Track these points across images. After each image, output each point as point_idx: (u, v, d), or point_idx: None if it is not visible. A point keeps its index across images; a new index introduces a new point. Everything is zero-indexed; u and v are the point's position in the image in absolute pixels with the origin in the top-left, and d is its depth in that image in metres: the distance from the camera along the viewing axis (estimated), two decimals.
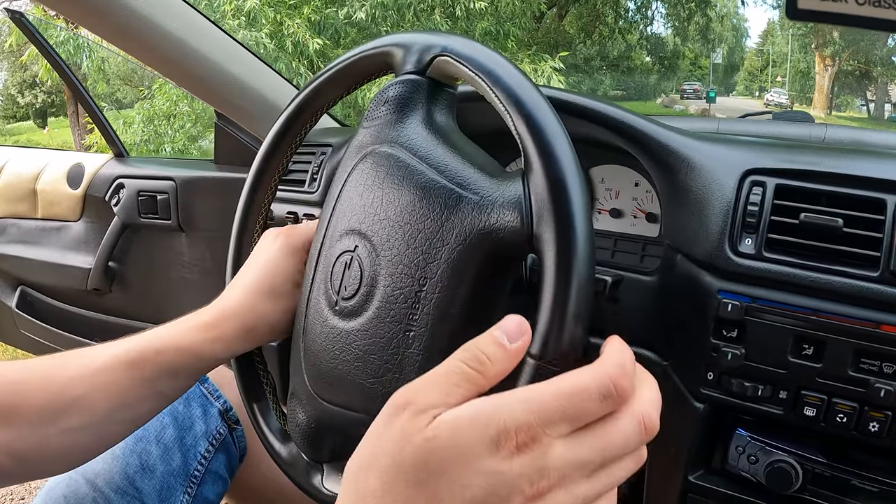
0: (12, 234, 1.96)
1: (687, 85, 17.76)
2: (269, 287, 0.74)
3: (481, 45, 0.61)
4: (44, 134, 21.30)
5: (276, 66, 1.37)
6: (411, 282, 0.58)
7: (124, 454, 0.86)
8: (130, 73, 11.49)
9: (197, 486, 0.90)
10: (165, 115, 8.12)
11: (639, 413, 0.43)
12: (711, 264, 0.76)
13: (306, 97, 0.76)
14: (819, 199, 0.73)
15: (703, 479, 0.84)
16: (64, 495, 0.82)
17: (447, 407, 0.41)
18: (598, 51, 11.74)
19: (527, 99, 0.54)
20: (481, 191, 0.57)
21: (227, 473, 0.96)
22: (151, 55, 1.22)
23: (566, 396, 0.41)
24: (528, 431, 0.39)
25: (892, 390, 0.68)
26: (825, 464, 0.75)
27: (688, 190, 0.79)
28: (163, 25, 1.15)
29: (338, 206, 0.68)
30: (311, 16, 7.13)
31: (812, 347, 0.71)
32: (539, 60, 7.25)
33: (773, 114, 1.33)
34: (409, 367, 0.58)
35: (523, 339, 0.46)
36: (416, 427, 0.40)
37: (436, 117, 0.65)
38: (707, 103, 15.97)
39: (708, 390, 0.78)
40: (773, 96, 17.50)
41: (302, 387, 0.69)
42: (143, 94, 9.56)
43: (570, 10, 11.77)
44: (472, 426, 0.39)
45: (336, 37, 7.46)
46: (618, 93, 12.59)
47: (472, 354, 0.44)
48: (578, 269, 0.49)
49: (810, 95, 15.61)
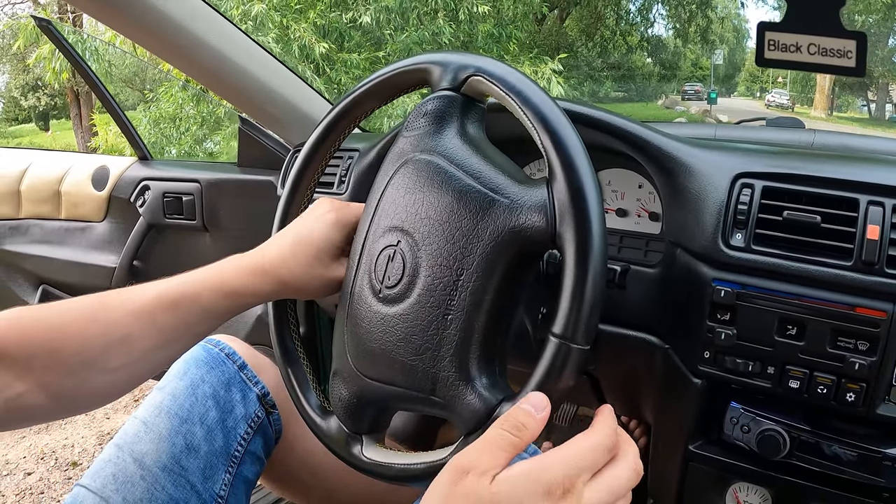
0: (35, 235, 2.02)
1: (688, 86, 17.67)
2: (313, 252, 0.81)
3: (510, 67, 0.70)
4: (46, 136, 21.20)
5: None
6: (450, 272, 0.68)
7: (170, 435, 0.90)
8: (132, 75, 11.52)
9: (237, 466, 0.95)
10: (171, 117, 8.17)
11: (632, 462, 0.56)
12: (707, 256, 0.86)
13: (346, 106, 0.85)
14: (801, 199, 0.82)
15: (702, 448, 0.93)
16: (113, 474, 0.86)
17: (501, 468, 0.52)
18: (599, 53, 11.77)
19: (552, 118, 0.64)
20: (511, 195, 0.66)
21: (263, 454, 1.00)
22: (192, 65, 1.31)
23: (589, 451, 0.54)
24: (567, 482, 0.51)
25: (866, 364, 0.77)
26: (810, 431, 0.84)
27: (686, 191, 0.89)
28: (205, 39, 1.24)
29: (380, 206, 0.77)
30: (316, 20, 7.17)
31: (795, 328, 0.81)
32: (539, 63, 7.29)
33: (767, 120, 1.42)
34: (447, 346, 0.67)
35: (546, 410, 0.58)
36: (482, 485, 0.51)
37: (469, 129, 0.74)
38: (708, 104, 15.87)
39: (705, 367, 0.87)
40: (775, 97, 17.39)
41: (345, 366, 0.77)
42: (147, 97, 9.60)
43: (571, 12, 11.81)
44: (527, 482, 0.51)
45: (340, 40, 7.50)
46: (619, 94, 12.61)
47: (512, 423, 0.56)
48: (594, 263, 0.60)
49: (811, 96, 15.52)
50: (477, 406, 0.65)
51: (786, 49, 0.48)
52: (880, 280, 0.77)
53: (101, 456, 0.89)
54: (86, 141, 12.72)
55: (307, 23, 7.05)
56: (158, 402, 0.92)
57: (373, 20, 7.21)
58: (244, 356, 1.00)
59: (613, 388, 1.12)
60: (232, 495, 0.93)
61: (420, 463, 0.69)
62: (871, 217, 0.78)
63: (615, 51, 11.96)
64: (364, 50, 7.50)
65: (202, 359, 0.97)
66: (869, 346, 0.78)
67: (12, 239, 2.03)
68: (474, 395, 0.66)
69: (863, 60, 0.50)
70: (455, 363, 0.67)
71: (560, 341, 0.60)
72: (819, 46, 0.48)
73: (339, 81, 7.06)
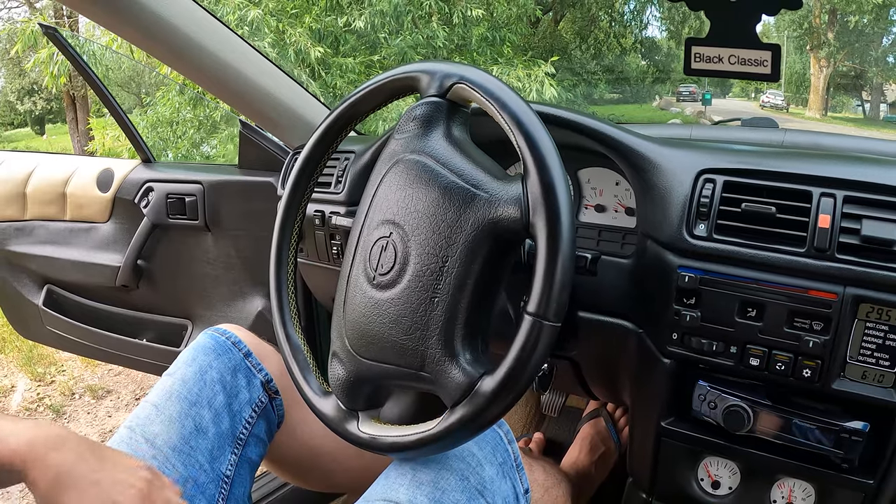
0: (40, 236, 2.05)
1: (683, 87, 17.61)
2: None
3: (491, 76, 0.78)
4: (42, 141, 21.11)
5: None
6: (436, 260, 0.75)
7: (180, 417, 0.94)
8: (129, 79, 11.56)
9: (242, 448, 1.00)
10: (168, 121, 8.20)
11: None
12: (673, 245, 0.93)
13: (343, 111, 0.92)
14: (760, 192, 0.90)
15: (673, 425, 1.01)
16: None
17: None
18: (593, 55, 11.82)
19: (526, 120, 0.72)
20: (491, 190, 0.74)
21: (266, 437, 1.05)
22: (192, 69, 1.36)
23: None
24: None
25: (820, 343, 0.85)
26: (771, 406, 0.91)
27: (655, 187, 0.96)
28: (205, 43, 1.29)
29: (374, 202, 0.84)
30: (312, 24, 7.20)
31: (754, 310, 0.88)
32: (533, 66, 7.31)
33: (742, 120, 1.49)
34: (434, 325, 0.75)
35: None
36: None
37: (454, 132, 0.82)
38: (703, 105, 15.83)
39: (673, 348, 0.95)
40: (769, 98, 17.33)
41: (342, 348, 0.85)
42: (144, 101, 9.62)
43: (565, 14, 11.85)
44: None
45: (336, 44, 7.51)
46: (614, 96, 12.65)
47: None
48: (563, 249, 0.68)
49: (806, 96, 15.49)
50: (461, 380, 0.72)
51: (709, 60, 0.56)
52: (831, 265, 0.84)
53: (114, 438, 0.94)
54: (82, 145, 12.70)
55: (303, 27, 7.07)
56: (169, 387, 0.98)
57: (367, 24, 7.23)
58: (249, 344, 1.05)
59: (594, 372, 1.19)
60: (237, 475, 0.98)
61: (410, 434, 0.76)
62: (823, 207, 0.85)
63: (609, 53, 11.99)
64: (359, 54, 7.52)
65: (210, 346, 1.02)
66: (823, 326, 0.85)
67: (18, 240, 2.06)
68: (458, 370, 0.73)
69: (777, 68, 0.58)
70: (441, 341, 0.74)
71: (534, 319, 0.68)
72: (738, 57, 0.56)
73: (335, 85, 7.09)
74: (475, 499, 0.81)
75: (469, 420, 0.71)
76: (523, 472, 0.91)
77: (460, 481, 0.81)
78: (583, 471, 1.56)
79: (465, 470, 0.83)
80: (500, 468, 0.87)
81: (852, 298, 0.83)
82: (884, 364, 0.84)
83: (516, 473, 0.90)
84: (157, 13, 1.18)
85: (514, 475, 0.89)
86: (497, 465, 0.87)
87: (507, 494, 0.86)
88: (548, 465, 1.47)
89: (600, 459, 1.60)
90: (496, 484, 0.85)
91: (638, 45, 12.99)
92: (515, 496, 0.88)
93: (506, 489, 0.86)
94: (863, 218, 0.84)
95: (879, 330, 0.83)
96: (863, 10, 12.39)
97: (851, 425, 0.87)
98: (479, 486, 0.82)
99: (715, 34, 0.59)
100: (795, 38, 14.56)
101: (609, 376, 1.17)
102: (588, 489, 1.56)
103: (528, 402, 1.89)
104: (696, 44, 0.59)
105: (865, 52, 13.58)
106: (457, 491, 0.80)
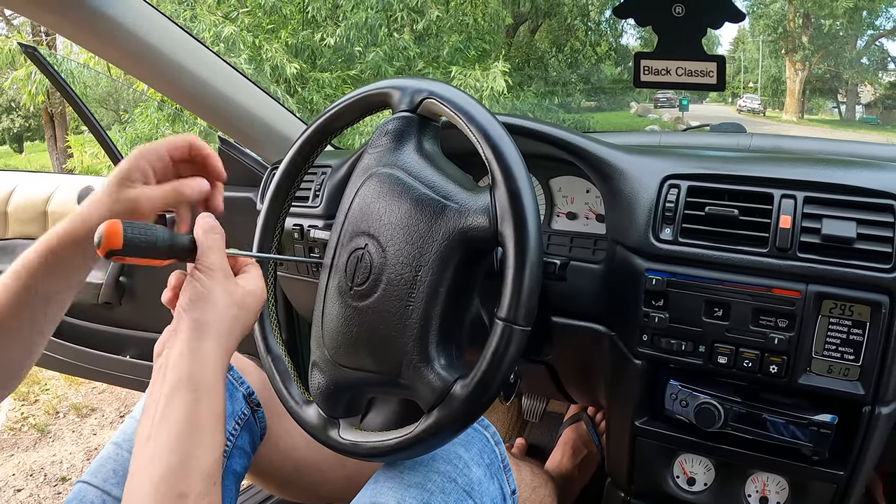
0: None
1: (660, 94, 17.64)
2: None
3: (459, 90, 0.80)
4: (21, 158, 20.91)
5: None
6: (409, 269, 0.77)
7: None
8: (107, 96, 11.51)
9: (227, 459, 1.00)
10: (147, 138, 8.18)
11: None
12: (640, 250, 0.96)
13: (319, 126, 0.94)
14: (723, 196, 0.93)
15: (647, 424, 1.03)
16: (113, 469, 0.91)
17: None
18: (569, 64, 11.89)
19: (493, 132, 0.75)
20: (460, 201, 0.77)
21: (250, 449, 1.06)
22: (169, 87, 1.38)
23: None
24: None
25: (785, 339, 0.88)
26: (741, 403, 0.93)
27: (621, 193, 0.99)
28: (181, 62, 1.32)
29: (349, 215, 0.86)
30: (288, 39, 7.22)
31: (721, 309, 0.91)
32: (491, 66, 7.30)
33: (711, 126, 1.53)
34: (409, 332, 0.77)
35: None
36: None
37: (425, 145, 0.84)
38: (680, 111, 15.91)
39: (644, 349, 0.97)
40: (746, 102, 17.44)
41: (322, 357, 0.86)
42: (122, 118, 9.58)
43: (541, 25, 11.92)
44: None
45: (312, 59, 7.54)
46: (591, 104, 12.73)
47: None
48: (531, 255, 0.70)
49: (782, 100, 15.61)
50: (436, 384, 0.74)
51: (658, 73, 0.59)
52: (793, 263, 0.87)
53: (101, 454, 0.95)
54: (61, 163, 12.60)
55: (279, 42, 7.09)
56: None
57: (342, 38, 7.26)
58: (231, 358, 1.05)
59: (570, 376, 1.22)
60: (223, 487, 0.96)
61: (390, 439, 0.78)
62: (784, 208, 0.88)
63: (586, 61, 12.08)
64: (336, 68, 7.55)
65: None
66: (787, 323, 0.88)
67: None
68: (433, 375, 0.75)
69: (723, 78, 0.61)
70: (416, 348, 0.76)
71: (504, 323, 0.70)
72: (686, 69, 0.58)
73: (311, 100, 7.11)
74: (463, 500, 0.83)
75: (445, 423, 0.73)
76: (510, 473, 0.93)
77: (448, 483, 0.83)
78: (566, 474, 1.58)
79: (453, 472, 0.84)
80: (488, 469, 0.89)
81: (815, 295, 0.86)
82: (849, 358, 0.86)
83: (503, 474, 0.92)
84: (134, 32, 1.20)
85: (502, 476, 0.91)
86: (484, 466, 0.89)
87: (495, 495, 0.88)
88: (535, 466, 1.49)
89: (583, 463, 1.62)
90: (484, 485, 0.86)
91: (613, 53, 13.08)
92: (503, 497, 0.89)
93: (493, 490, 0.88)
94: (823, 217, 0.87)
95: (843, 325, 0.86)
96: (835, 14, 12.55)
97: (820, 418, 0.90)
98: (466, 488, 0.84)
99: (663, 48, 0.62)
100: (770, 42, 14.68)
101: (584, 379, 1.19)
102: (571, 492, 1.58)
103: (509, 408, 1.91)
104: (644, 58, 0.62)
105: (840, 55, 13.71)
106: (445, 493, 0.82)
